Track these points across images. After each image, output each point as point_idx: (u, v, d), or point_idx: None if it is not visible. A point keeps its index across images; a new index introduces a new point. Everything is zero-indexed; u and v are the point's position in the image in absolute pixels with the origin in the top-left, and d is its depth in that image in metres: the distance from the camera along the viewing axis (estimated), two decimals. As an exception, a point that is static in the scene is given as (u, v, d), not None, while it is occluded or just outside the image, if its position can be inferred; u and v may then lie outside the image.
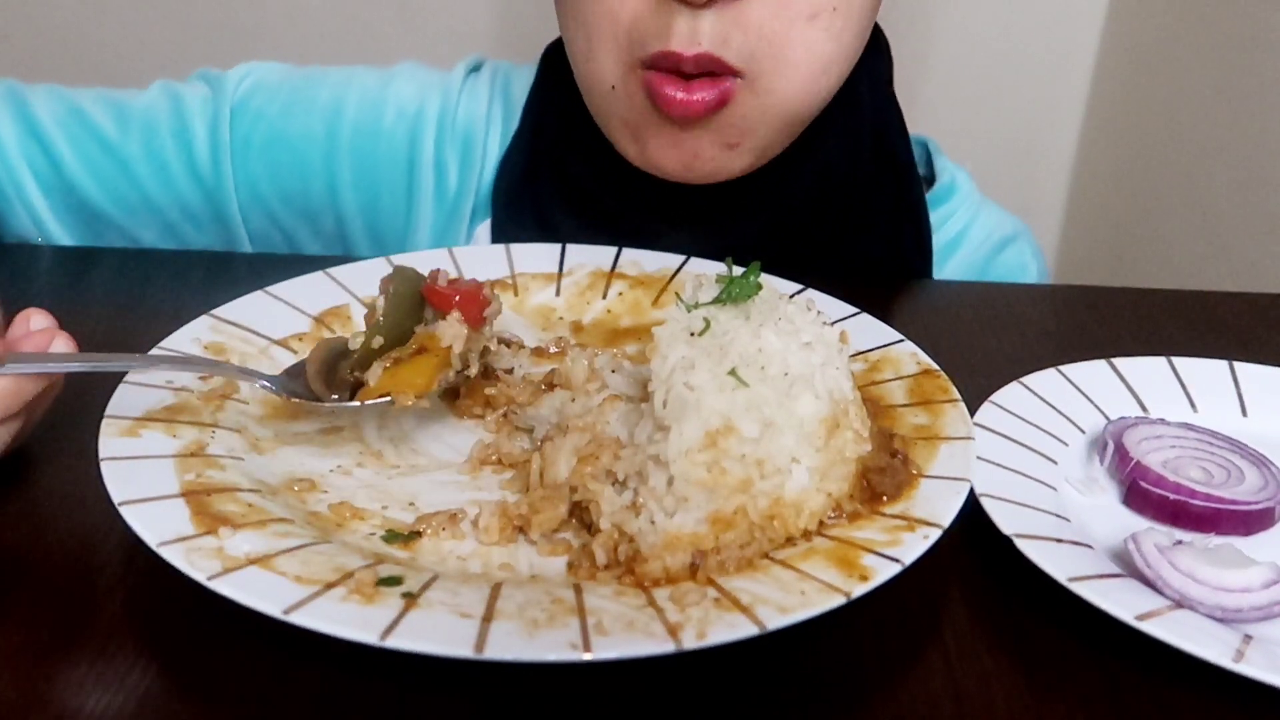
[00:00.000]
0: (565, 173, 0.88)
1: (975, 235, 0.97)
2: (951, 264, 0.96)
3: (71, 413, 0.61)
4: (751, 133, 0.76)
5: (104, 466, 0.52)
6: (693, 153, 0.76)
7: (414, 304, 0.63)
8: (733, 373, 0.53)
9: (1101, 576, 0.52)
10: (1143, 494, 0.60)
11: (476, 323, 0.63)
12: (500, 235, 0.90)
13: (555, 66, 0.89)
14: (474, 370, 0.63)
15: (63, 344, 0.56)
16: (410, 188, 0.91)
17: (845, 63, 0.77)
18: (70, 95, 0.91)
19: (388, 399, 0.60)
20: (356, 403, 0.61)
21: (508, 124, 0.93)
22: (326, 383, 0.61)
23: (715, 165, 0.77)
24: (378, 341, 0.61)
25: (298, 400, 0.60)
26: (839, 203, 0.88)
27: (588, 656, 0.44)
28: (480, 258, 0.79)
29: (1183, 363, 0.72)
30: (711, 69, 0.71)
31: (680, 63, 0.71)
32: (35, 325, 0.57)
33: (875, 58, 0.87)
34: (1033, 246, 1.00)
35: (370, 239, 0.93)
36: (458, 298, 0.62)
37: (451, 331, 0.61)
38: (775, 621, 0.45)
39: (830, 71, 0.75)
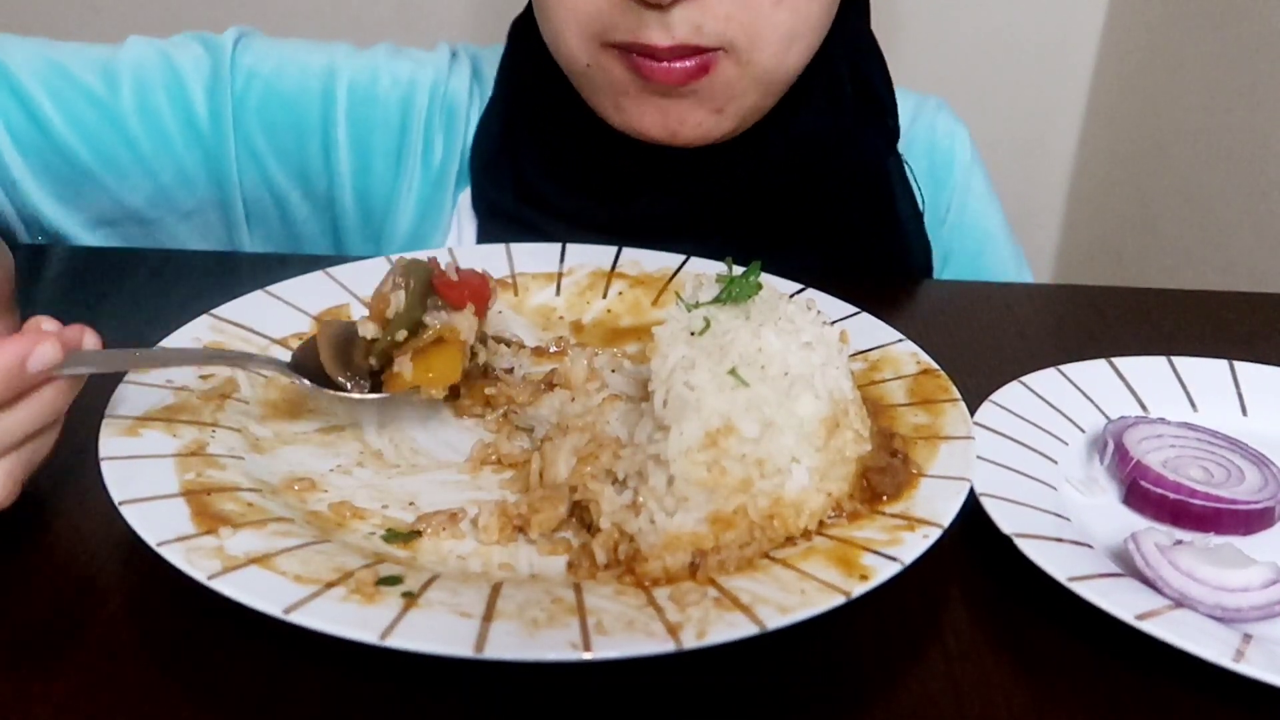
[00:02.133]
0: (540, 137, 0.89)
1: (902, 120, 0.98)
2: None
3: (72, 412, 0.61)
4: (736, 96, 0.78)
5: (104, 466, 0.52)
6: (678, 119, 0.77)
7: (424, 295, 0.64)
8: (733, 372, 0.53)
9: (1101, 576, 0.52)
10: (1143, 493, 0.60)
11: (483, 314, 0.65)
12: (480, 200, 0.91)
13: (524, 36, 0.91)
14: (482, 358, 0.64)
15: (93, 340, 0.54)
16: (400, 154, 0.92)
17: (813, 34, 0.79)
18: (46, 48, 0.87)
19: (415, 390, 0.61)
20: (385, 394, 0.62)
21: (480, 95, 0.94)
22: (342, 370, 0.62)
23: (701, 130, 0.79)
24: (401, 334, 0.62)
25: (328, 393, 0.61)
26: (822, 161, 0.90)
27: (588, 656, 0.44)
28: (481, 257, 0.79)
29: (1183, 362, 0.72)
30: (688, 54, 0.73)
31: (654, 53, 0.73)
32: (48, 329, 0.55)
33: (850, 12, 0.88)
34: (951, 113, 1.04)
35: (359, 206, 0.93)
36: (467, 291, 0.64)
37: (467, 324, 0.63)
38: (775, 621, 0.45)
39: (796, 45, 0.78)
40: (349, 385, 0.62)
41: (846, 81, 0.90)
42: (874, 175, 0.93)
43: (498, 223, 0.89)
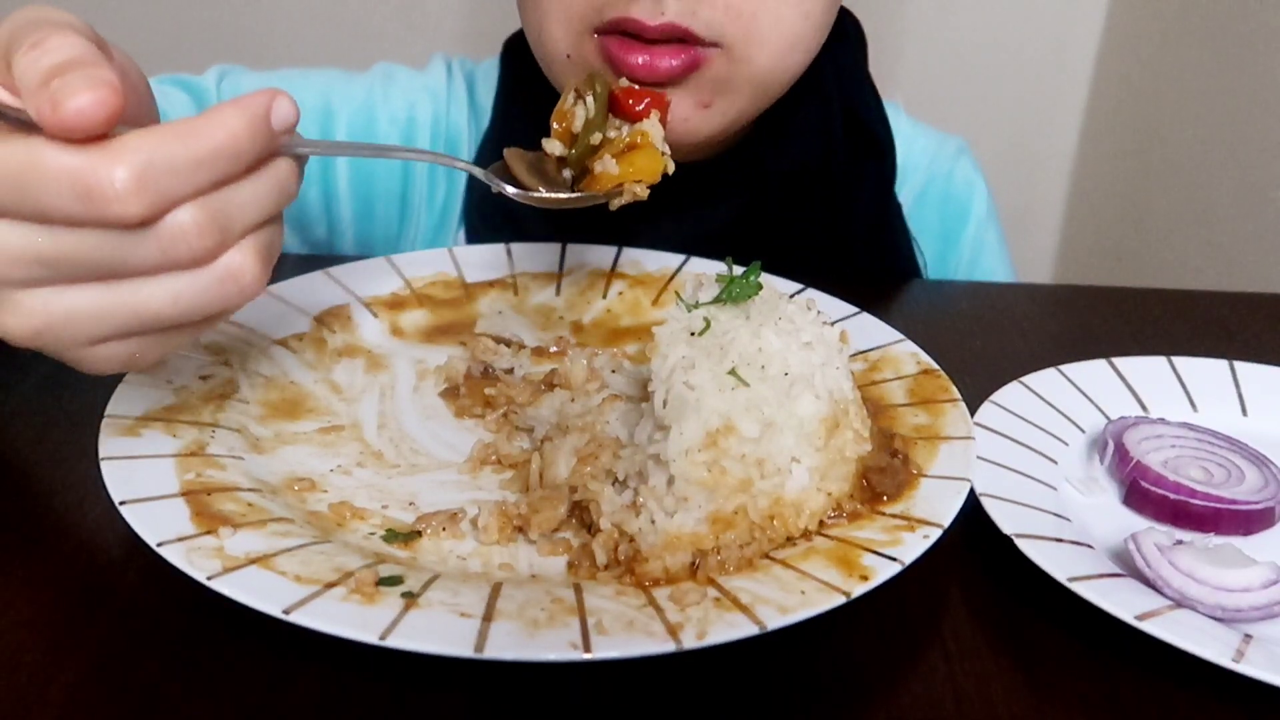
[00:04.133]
0: None
1: (919, 162, 0.98)
2: (902, 197, 0.95)
3: (72, 412, 0.61)
4: (726, 93, 0.75)
5: (104, 466, 0.52)
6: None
7: (606, 106, 0.66)
8: (733, 372, 0.53)
9: (1101, 576, 0.52)
10: (1143, 493, 0.60)
11: (665, 123, 0.67)
12: (473, 238, 0.89)
13: (516, 61, 0.89)
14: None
15: (288, 105, 0.47)
16: (405, 195, 0.91)
17: (813, 38, 0.76)
18: None
19: (617, 191, 0.63)
20: (592, 194, 0.63)
21: (476, 125, 0.93)
22: (540, 184, 0.63)
23: (687, 126, 0.75)
24: (597, 137, 0.63)
25: (539, 195, 0.62)
26: (814, 190, 0.88)
27: (588, 656, 0.44)
28: (481, 257, 0.79)
29: (1183, 362, 0.72)
30: (678, 37, 0.71)
31: (642, 30, 0.70)
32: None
33: (843, 46, 0.87)
34: (971, 160, 1.01)
35: (360, 249, 0.93)
36: (647, 100, 0.66)
37: (656, 130, 0.64)
38: (775, 621, 0.45)
39: (799, 47, 0.75)
40: (548, 194, 0.63)
41: (838, 114, 0.88)
42: (873, 217, 0.91)
43: None
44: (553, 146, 0.64)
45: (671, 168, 0.65)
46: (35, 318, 0.45)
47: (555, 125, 0.65)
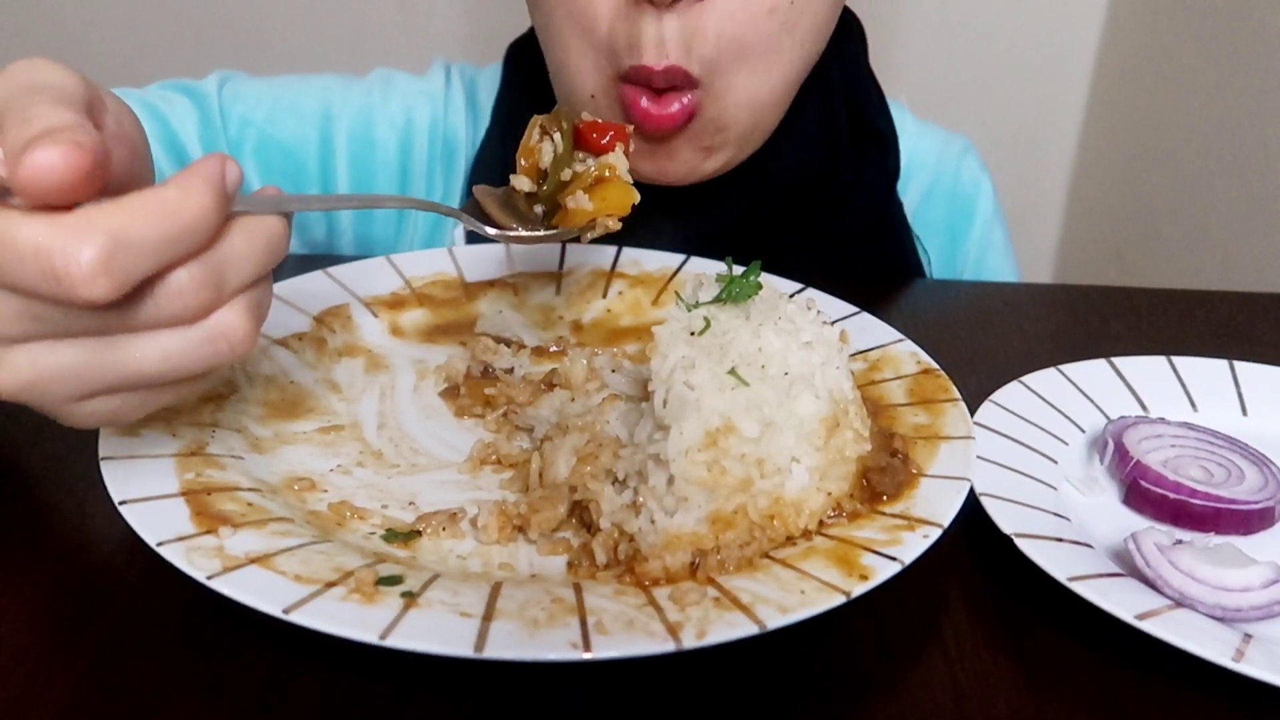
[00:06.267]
0: None
1: (925, 161, 0.98)
2: (909, 197, 0.96)
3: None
4: (722, 132, 0.76)
5: (103, 466, 0.52)
6: (667, 156, 0.77)
7: (573, 140, 0.67)
8: (733, 372, 0.53)
9: (1101, 576, 0.52)
10: (1143, 493, 0.60)
11: (627, 154, 0.68)
12: (473, 238, 0.90)
13: (521, 66, 0.89)
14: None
15: (236, 169, 0.46)
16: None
17: (800, 51, 0.76)
18: None
19: (590, 225, 0.64)
20: (567, 229, 0.64)
21: (476, 129, 0.93)
22: (514, 221, 0.64)
23: (689, 168, 0.78)
24: (567, 173, 0.64)
25: (517, 234, 0.63)
26: (818, 184, 0.88)
27: (588, 656, 0.44)
28: (480, 257, 0.79)
29: (1183, 362, 0.72)
30: (677, 83, 0.72)
31: (651, 77, 0.72)
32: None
33: (846, 40, 0.87)
34: (977, 159, 1.02)
35: (359, 249, 0.93)
36: (611, 133, 0.67)
37: (621, 162, 0.66)
38: (775, 621, 0.45)
39: (781, 62, 0.75)
40: (525, 232, 0.64)
41: (841, 109, 0.88)
42: (873, 214, 0.91)
43: None
44: (521, 183, 0.65)
45: (638, 198, 0.66)
46: (23, 373, 0.45)
47: (521, 161, 0.66)
